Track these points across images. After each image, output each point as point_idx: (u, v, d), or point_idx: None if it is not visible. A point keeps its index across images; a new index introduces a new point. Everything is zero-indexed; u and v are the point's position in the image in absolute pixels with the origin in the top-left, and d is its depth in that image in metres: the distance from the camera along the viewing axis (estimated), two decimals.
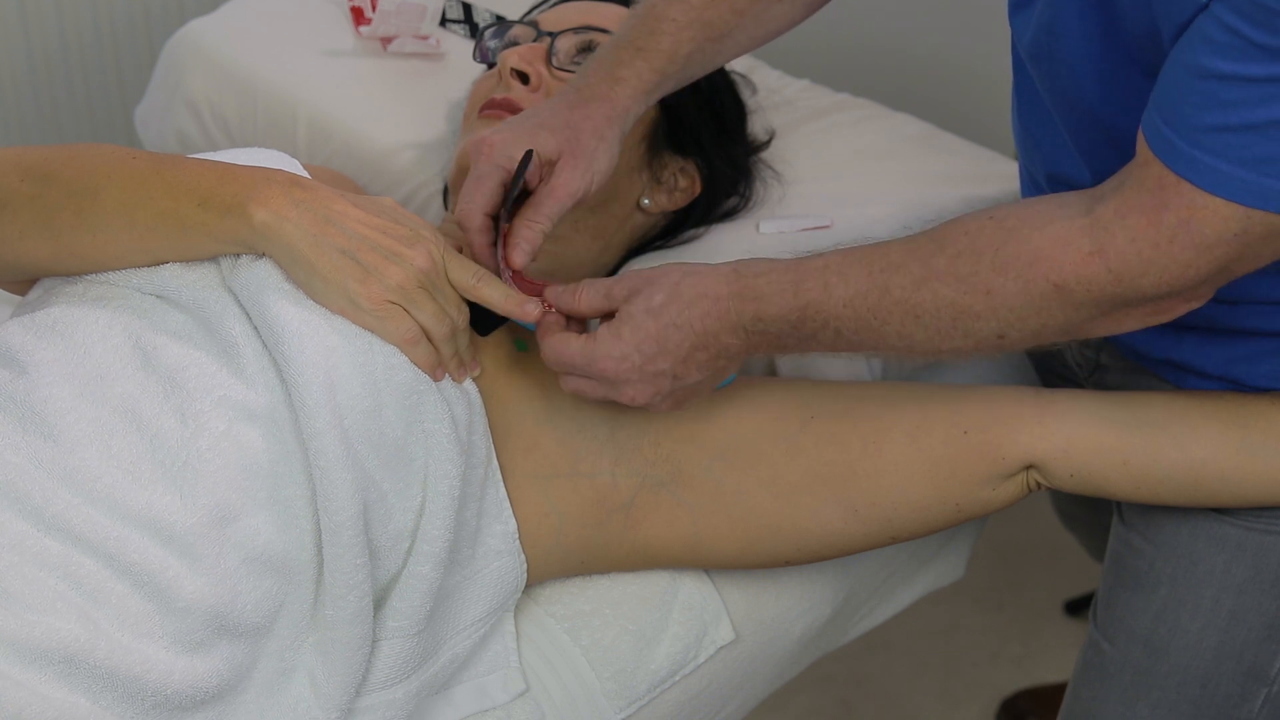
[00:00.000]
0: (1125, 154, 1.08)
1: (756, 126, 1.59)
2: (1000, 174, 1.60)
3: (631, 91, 1.27)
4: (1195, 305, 1.06)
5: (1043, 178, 1.23)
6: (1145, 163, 1.00)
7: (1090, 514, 1.66)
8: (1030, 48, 1.15)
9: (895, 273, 1.10)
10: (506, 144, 1.23)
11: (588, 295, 1.19)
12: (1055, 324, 1.07)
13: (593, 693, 1.27)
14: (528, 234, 1.21)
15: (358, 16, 1.75)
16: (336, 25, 1.75)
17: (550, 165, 1.24)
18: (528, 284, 1.22)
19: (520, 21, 1.50)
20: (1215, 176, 0.97)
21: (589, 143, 1.25)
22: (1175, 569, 1.26)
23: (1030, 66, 1.17)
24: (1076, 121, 1.14)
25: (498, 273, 1.21)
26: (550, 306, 1.20)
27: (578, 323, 1.22)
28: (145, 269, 1.19)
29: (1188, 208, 0.98)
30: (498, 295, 1.19)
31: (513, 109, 1.40)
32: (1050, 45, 1.12)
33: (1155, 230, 1.00)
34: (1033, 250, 1.05)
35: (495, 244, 1.23)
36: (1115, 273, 1.02)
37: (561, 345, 1.18)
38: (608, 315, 1.19)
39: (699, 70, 1.31)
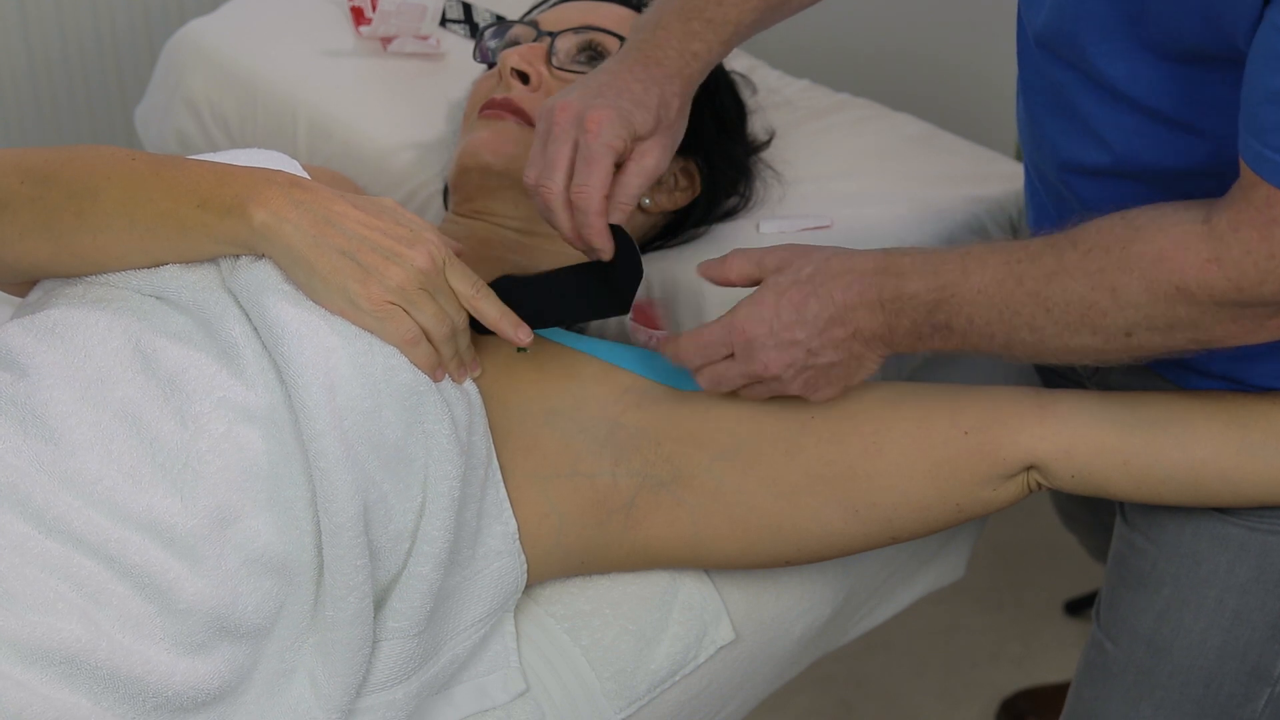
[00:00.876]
0: (1153, 129, 1.09)
1: (756, 126, 1.59)
2: (1001, 174, 1.60)
3: (702, 65, 1.27)
4: None
5: (1052, 169, 1.23)
6: (1253, 184, 1.01)
7: (1091, 514, 1.66)
8: (1045, 29, 1.15)
9: (1030, 264, 1.10)
10: (610, 121, 1.21)
11: (738, 262, 1.20)
12: (1182, 324, 1.07)
13: (593, 693, 1.27)
14: (620, 218, 1.22)
15: (358, 16, 1.74)
16: (336, 25, 1.75)
17: (640, 141, 1.24)
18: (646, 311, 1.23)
19: (520, 21, 1.50)
20: None
21: (676, 121, 1.25)
22: (1178, 569, 1.26)
23: (1040, 50, 1.17)
24: (1098, 102, 1.14)
25: (609, 254, 1.21)
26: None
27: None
28: (145, 270, 1.19)
29: None
30: (494, 311, 1.19)
31: (513, 108, 1.40)
32: (1071, 29, 1.11)
33: (1269, 244, 1.01)
34: (1157, 250, 1.06)
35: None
36: (1234, 281, 1.03)
37: (698, 334, 1.19)
38: (753, 285, 1.20)
39: (748, 38, 1.31)
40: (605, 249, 1.22)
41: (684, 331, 1.22)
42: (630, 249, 1.22)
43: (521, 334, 1.20)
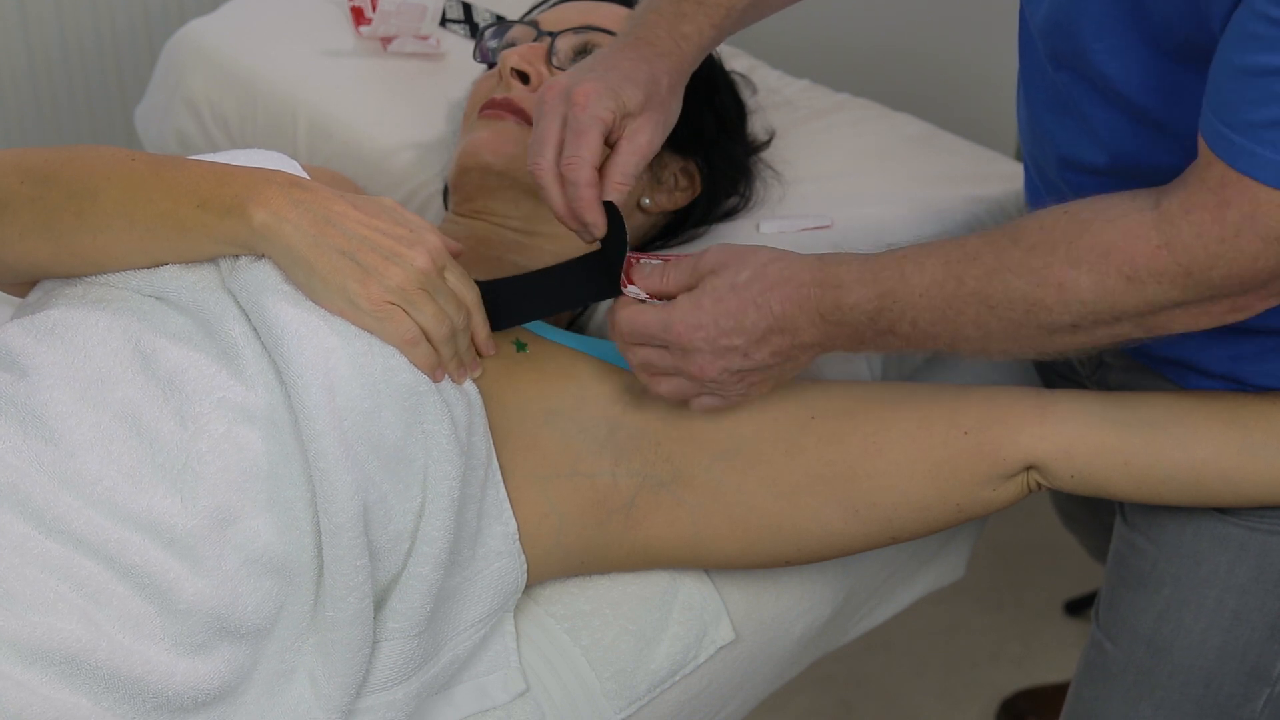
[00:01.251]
0: (1144, 131, 1.09)
1: (756, 126, 1.59)
2: (1001, 174, 1.60)
3: (694, 48, 1.26)
4: (1275, 302, 1.06)
5: (1052, 165, 1.23)
6: (1208, 163, 1.00)
7: (1091, 514, 1.66)
8: (1044, 22, 1.15)
9: (970, 264, 1.10)
10: (598, 94, 1.20)
11: (675, 276, 1.19)
12: (1129, 315, 1.07)
13: (593, 693, 1.27)
14: (617, 197, 1.21)
15: (358, 16, 1.75)
16: (336, 25, 1.75)
17: (630, 119, 1.23)
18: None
19: (520, 21, 1.50)
20: (1277, 171, 0.97)
21: (668, 99, 1.24)
22: (1178, 569, 1.26)
23: (1042, 43, 1.17)
24: (1093, 100, 1.14)
25: (602, 229, 1.20)
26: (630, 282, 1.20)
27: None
28: (145, 271, 1.19)
29: (1251, 203, 0.99)
30: (480, 332, 1.20)
31: (513, 109, 1.40)
32: (1068, 21, 1.11)
33: (1220, 226, 1.01)
34: (1105, 243, 1.05)
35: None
36: (1184, 266, 1.03)
37: (637, 314, 1.19)
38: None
39: (744, 25, 1.30)
40: (597, 223, 1.20)
41: (626, 304, 1.21)
42: (620, 228, 1.21)
43: (488, 348, 1.21)
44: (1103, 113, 1.14)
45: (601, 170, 1.22)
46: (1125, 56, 1.09)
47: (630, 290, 1.20)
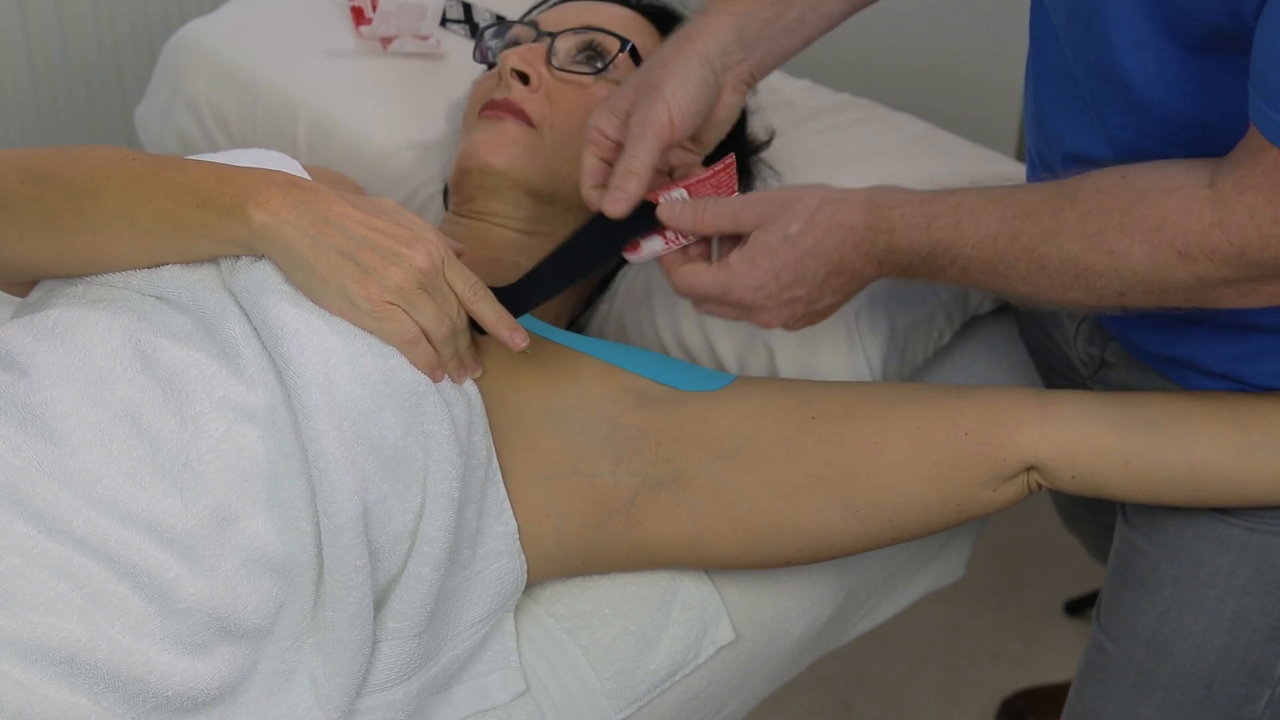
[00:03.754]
0: (1154, 129, 1.09)
1: (756, 126, 1.59)
2: (1001, 174, 1.60)
3: (715, 19, 1.25)
4: None
5: (1057, 158, 1.23)
6: (1261, 148, 1.01)
7: (1092, 514, 1.66)
8: (1068, 15, 1.15)
9: (1026, 220, 1.10)
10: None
11: (712, 215, 1.20)
12: (1179, 288, 1.07)
13: (593, 693, 1.27)
14: (622, 182, 1.21)
15: (358, 16, 1.74)
16: (336, 25, 1.75)
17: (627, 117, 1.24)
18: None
19: (520, 21, 1.50)
20: None
21: (653, 78, 1.23)
22: (1179, 570, 1.26)
23: (1064, 34, 1.17)
24: (1106, 94, 1.14)
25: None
26: (669, 233, 1.20)
27: (700, 247, 1.24)
28: (145, 270, 1.19)
29: None
30: (490, 313, 1.19)
31: (513, 109, 1.39)
32: (1090, 11, 1.11)
33: (1273, 208, 1.01)
34: (1159, 215, 1.05)
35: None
36: (1237, 245, 1.03)
37: (693, 276, 1.20)
38: (732, 238, 1.20)
39: (800, 20, 1.28)
40: (627, 193, 1.21)
41: (676, 263, 1.22)
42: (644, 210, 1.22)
43: (517, 338, 1.20)
44: (1116, 109, 1.14)
45: (621, 158, 1.22)
46: (1144, 50, 1.09)
47: (647, 246, 1.21)
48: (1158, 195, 1.06)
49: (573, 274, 1.26)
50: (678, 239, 1.24)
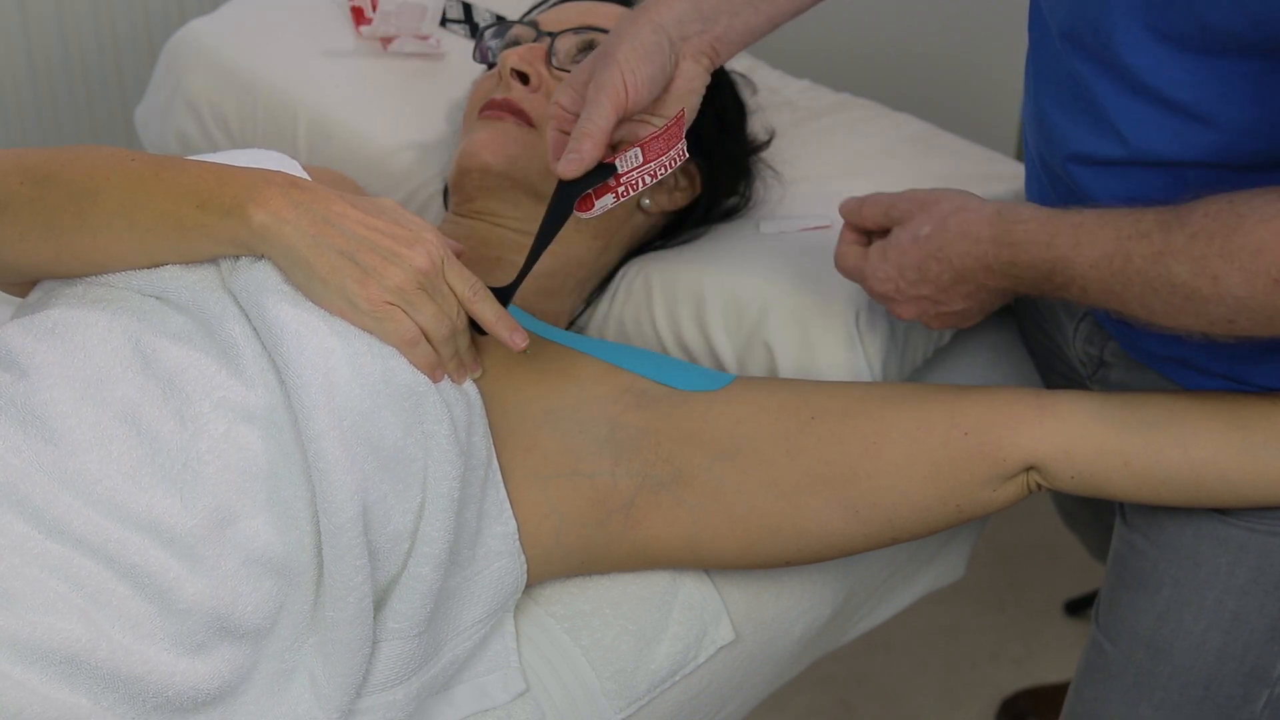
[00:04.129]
0: (1172, 122, 1.09)
1: (756, 126, 1.59)
2: (1001, 174, 1.60)
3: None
4: None
5: (1059, 161, 1.23)
6: None
7: (1092, 514, 1.66)
8: (1067, 19, 1.14)
9: (1140, 241, 1.10)
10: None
11: (870, 209, 1.27)
12: None
13: (593, 693, 1.27)
14: (576, 144, 1.21)
15: (358, 16, 1.74)
16: (336, 25, 1.75)
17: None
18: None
19: (520, 21, 1.50)
20: None
21: (606, 49, 1.24)
22: (1178, 570, 1.26)
23: (1062, 42, 1.16)
24: (1118, 93, 1.13)
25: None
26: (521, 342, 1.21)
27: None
28: (145, 270, 1.19)
29: None
30: (490, 313, 1.19)
31: (513, 109, 1.40)
32: (1095, 19, 1.11)
33: None
34: (1257, 241, 1.05)
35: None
36: None
37: (843, 256, 1.29)
38: (886, 230, 1.26)
39: (769, 4, 1.29)
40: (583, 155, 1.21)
41: (839, 241, 1.30)
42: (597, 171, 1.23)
43: (517, 338, 1.20)
44: (1125, 105, 1.13)
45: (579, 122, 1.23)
46: (1156, 51, 1.08)
47: (599, 203, 1.23)
48: (1256, 221, 1.05)
49: (540, 245, 1.26)
50: (628, 192, 1.24)
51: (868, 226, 1.28)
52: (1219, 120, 1.08)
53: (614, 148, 1.25)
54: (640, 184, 1.24)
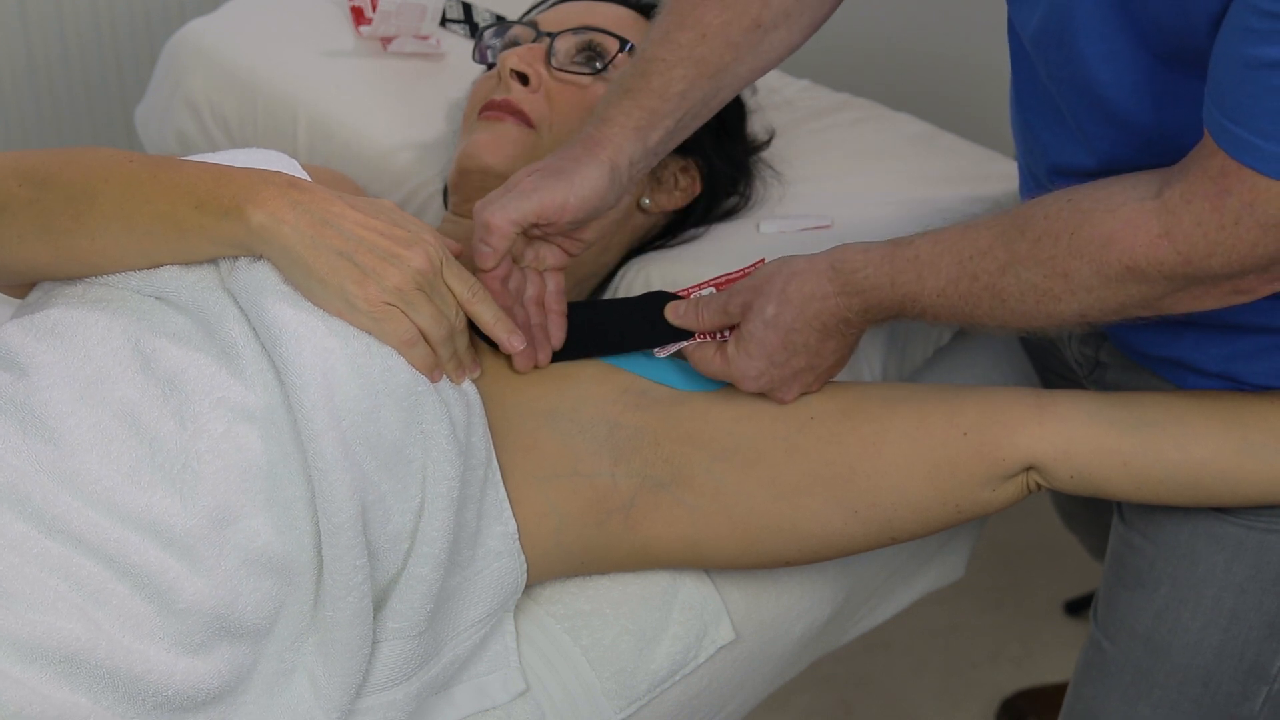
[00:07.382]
0: (1132, 140, 1.10)
1: (756, 126, 1.59)
2: (1000, 174, 1.60)
3: (619, 130, 1.26)
4: (1279, 286, 1.08)
5: (1044, 172, 1.23)
6: (1210, 153, 1.02)
7: (1091, 514, 1.66)
8: (1036, 33, 1.15)
9: (982, 259, 1.13)
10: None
11: (707, 315, 1.25)
12: (1133, 302, 1.09)
13: (593, 692, 1.27)
14: (487, 237, 1.22)
15: (358, 16, 1.75)
16: (336, 25, 1.75)
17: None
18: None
19: (520, 22, 1.50)
20: (1276, 161, 0.98)
21: (563, 167, 1.24)
22: (1176, 568, 1.26)
23: (1034, 52, 1.17)
24: (1083, 108, 1.15)
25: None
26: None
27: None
28: (144, 271, 1.19)
29: (1250, 191, 1.00)
30: (488, 314, 1.19)
31: (512, 110, 1.40)
32: (1059, 29, 1.12)
33: (1220, 215, 1.02)
34: (1106, 233, 1.07)
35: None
36: (1184, 254, 1.04)
37: (705, 364, 1.25)
38: (732, 327, 1.25)
39: (704, 106, 1.30)
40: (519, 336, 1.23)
41: (691, 350, 1.27)
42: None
43: (515, 340, 1.20)
44: (1094, 121, 1.14)
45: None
46: (1117, 62, 1.10)
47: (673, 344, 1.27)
48: (1102, 214, 1.08)
49: (602, 347, 1.29)
50: (701, 334, 1.27)
51: (706, 330, 1.26)
52: (1175, 135, 1.09)
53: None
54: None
